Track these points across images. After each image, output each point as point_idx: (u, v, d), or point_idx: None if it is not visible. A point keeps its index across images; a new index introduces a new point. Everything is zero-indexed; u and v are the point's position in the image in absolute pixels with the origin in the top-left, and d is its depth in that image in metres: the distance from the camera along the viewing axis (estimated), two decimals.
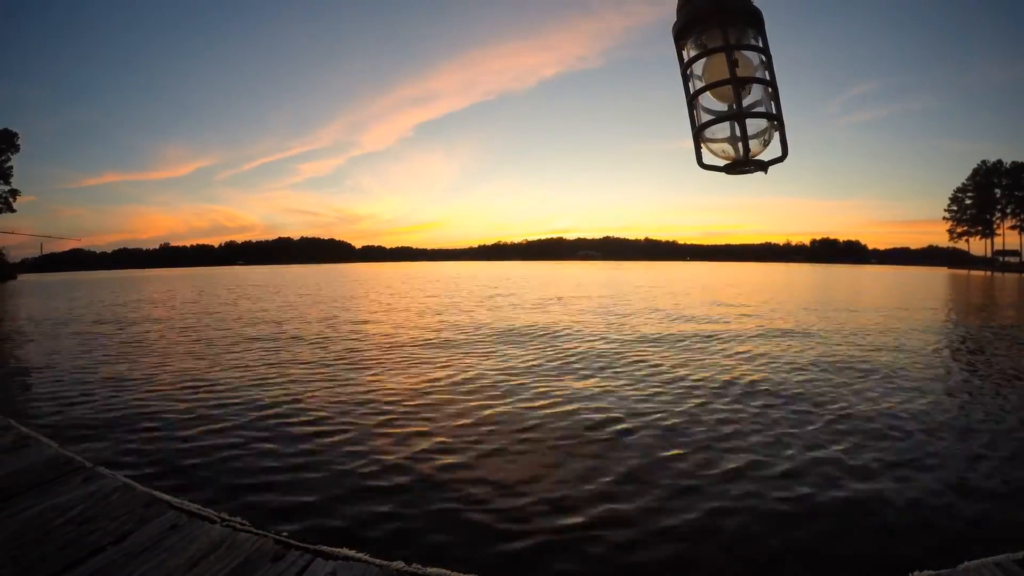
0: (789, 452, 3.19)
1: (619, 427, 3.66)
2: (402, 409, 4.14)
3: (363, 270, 59.97)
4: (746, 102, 0.87)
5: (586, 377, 5.25)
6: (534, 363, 5.97)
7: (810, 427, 3.66)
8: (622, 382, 5.02)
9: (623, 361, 6.07)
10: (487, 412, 4.02)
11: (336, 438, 3.48)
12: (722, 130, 0.91)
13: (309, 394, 4.63)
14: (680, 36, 0.91)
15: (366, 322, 10.38)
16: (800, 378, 5.20)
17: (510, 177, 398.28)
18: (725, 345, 7.22)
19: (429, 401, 4.37)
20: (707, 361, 6.09)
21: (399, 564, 1.41)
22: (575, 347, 7.03)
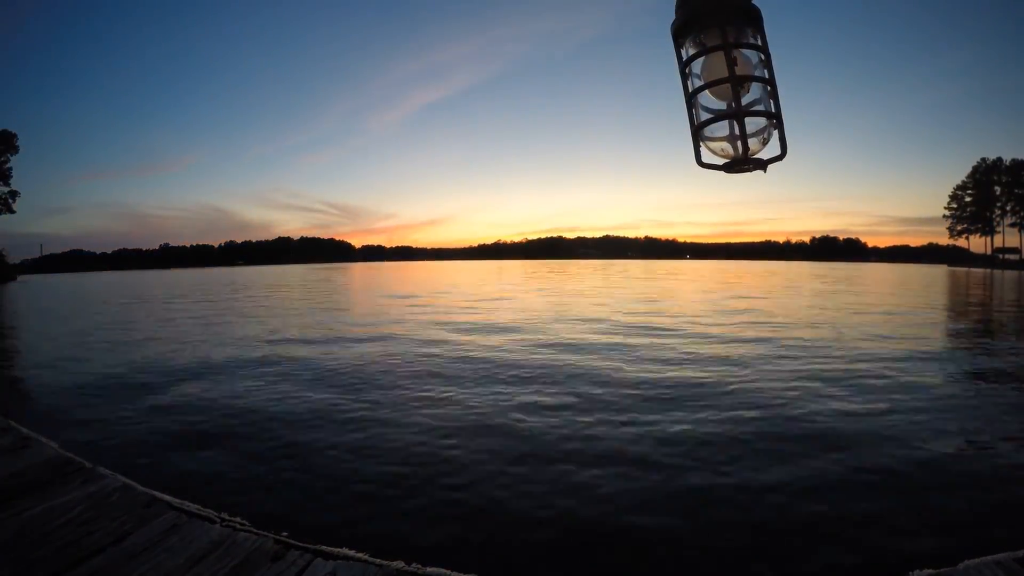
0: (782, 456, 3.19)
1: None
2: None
3: (388, 270, 57.58)
4: (745, 101, 0.87)
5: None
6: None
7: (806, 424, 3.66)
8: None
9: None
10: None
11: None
12: (721, 128, 0.91)
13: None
14: (679, 34, 0.91)
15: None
16: (798, 377, 5.20)
17: (511, 171, 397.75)
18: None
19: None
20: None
21: (399, 564, 1.41)
22: None
